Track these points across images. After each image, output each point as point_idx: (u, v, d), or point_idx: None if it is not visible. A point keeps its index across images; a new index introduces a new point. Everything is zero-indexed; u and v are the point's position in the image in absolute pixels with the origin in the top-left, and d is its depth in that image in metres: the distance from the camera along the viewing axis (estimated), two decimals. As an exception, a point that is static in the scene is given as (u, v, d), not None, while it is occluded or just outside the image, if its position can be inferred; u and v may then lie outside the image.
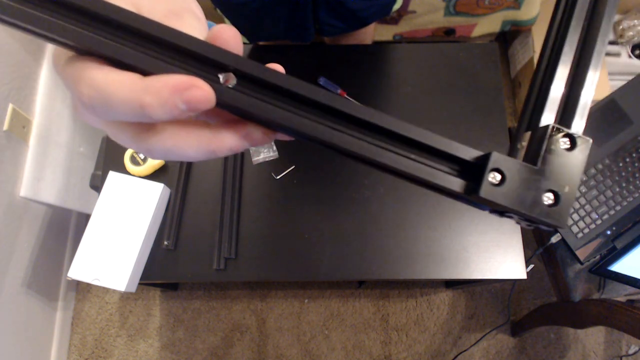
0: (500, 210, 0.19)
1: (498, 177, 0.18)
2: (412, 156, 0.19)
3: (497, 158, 0.18)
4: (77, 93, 0.18)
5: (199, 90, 0.17)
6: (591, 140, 0.19)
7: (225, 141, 0.20)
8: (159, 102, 0.17)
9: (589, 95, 0.20)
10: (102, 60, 0.18)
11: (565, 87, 0.20)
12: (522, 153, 0.20)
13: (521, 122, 0.21)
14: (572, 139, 0.19)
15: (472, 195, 0.19)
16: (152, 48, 0.18)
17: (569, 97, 0.20)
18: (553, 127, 0.19)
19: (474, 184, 0.19)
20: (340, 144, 0.19)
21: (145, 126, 0.19)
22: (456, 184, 0.19)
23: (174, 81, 0.17)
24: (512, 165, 0.19)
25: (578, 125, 0.19)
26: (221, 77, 0.18)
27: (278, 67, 0.21)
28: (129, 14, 0.18)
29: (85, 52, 0.18)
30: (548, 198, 0.18)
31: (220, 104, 0.18)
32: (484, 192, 0.18)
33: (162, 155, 0.20)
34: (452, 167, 0.19)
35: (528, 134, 0.20)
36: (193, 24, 0.21)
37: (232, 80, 0.18)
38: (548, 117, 0.20)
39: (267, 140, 0.21)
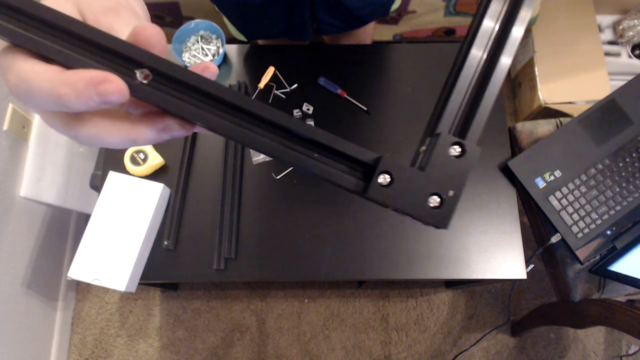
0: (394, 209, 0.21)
1: (388, 179, 0.20)
2: (315, 155, 0.20)
3: (386, 162, 0.20)
4: (6, 81, 0.20)
5: (112, 85, 0.18)
6: (479, 150, 0.20)
7: (144, 132, 0.21)
8: (74, 94, 0.18)
9: (486, 109, 0.21)
10: (31, 53, 0.20)
11: (468, 97, 0.22)
12: (420, 158, 0.21)
13: (426, 127, 0.22)
14: (463, 148, 0.20)
15: (362, 194, 0.21)
16: (75, 44, 0.20)
17: (469, 108, 0.21)
18: (444, 135, 0.20)
19: (367, 184, 0.20)
20: (245, 141, 0.20)
21: (73, 115, 0.21)
22: (351, 182, 0.21)
23: (89, 75, 0.18)
24: (401, 169, 0.20)
25: (473, 135, 0.21)
26: (137, 73, 0.20)
27: (210, 66, 0.22)
28: (54, 12, 0.19)
29: (17, 44, 0.20)
30: (434, 200, 0.20)
31: (137, 97, 0.20)
32: (372, 191, 0.20)
33: (88, 141, 0.22)
34: (351, 167, 0.21)
35: (428, 139, 0.22)
36: (129, 20, 0.22)
37: (149, 77, 0.20)
38: (445, 125, 0.21)
39: (185, 133, 0.22)
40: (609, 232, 0.99)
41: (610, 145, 1.02)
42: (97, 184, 0.95)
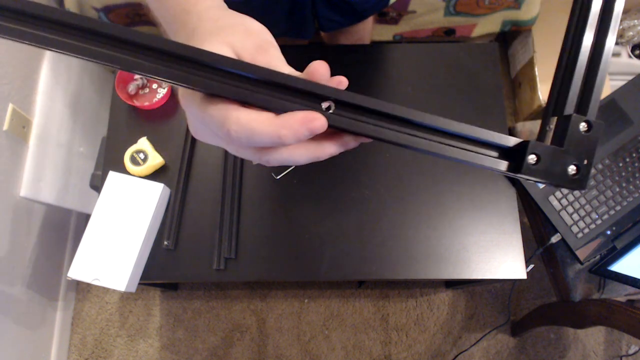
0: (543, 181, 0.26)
1: (535, 158, 0.24)
2: (469, 147, 0.25)
3: (534, 145, 0.24)
4: (225, 129, 0.24)
5: (318, 121, 0.24)
6: (603, 123, 0.24)
7: (327, 149, 0.26)
8: (292, 133, 0.23)
9: (600, 87, 0.25)
10: (236, 102, 0.24)
11: (583, 79, 0.26)
12: (550, 134, 0.26)
13: (547, 108, 0.27)
14: (589, 124, 0.25)
15: (516, 173, 0.25)
16: (270, 89, 0.24)
17: (584, 88, 0.25)
18: (575, 116, 0.25)
19: (516, 164, 0.25)
20: (409, 145, 0.25)
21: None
22: (502, 165, 0.25)
23: (301, 117, 0.23)
24: (545, 149, 0.24)
25: (593, 110, 0.25)
26: (324, 105, 0.25)
27: (343, 80, 0.27)
28: (256, 68, 0.24)
29: (226, 96, 0.24)
30: (572, 170, 0.25)
31: (328, 125, 0.25)
32: (525, 170, 0.24)
33: (278, 163, 0.26)
34: (495, 152, 0.26)
35: (555, 119, 0.26)
36: (276, 54, 0.27)
37: (332, 107, 0.25)
38: (570, 105, 0.25)
39: (356, 145, 0.27)
40: (609, 232, 0.99)
41: (610, 145, 1.02)
42: (97, 184, 0.95)
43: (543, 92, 1.47)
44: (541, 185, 0.99)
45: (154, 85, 1.00)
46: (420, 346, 1.47)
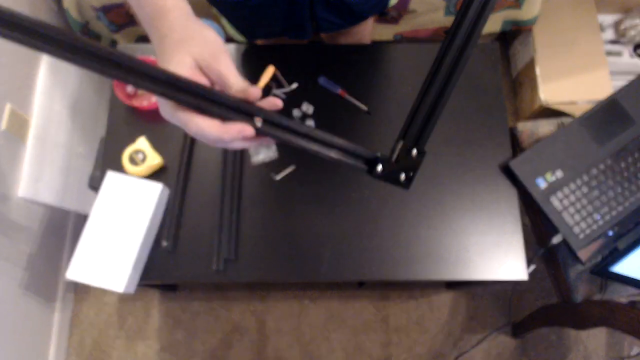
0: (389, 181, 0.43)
1: (380, 167, 0.41)
2: (344, 154, 0.42)
3: (382, 159, 0.42)
4: (188, 128, 0.38)
5: (248, 131, 0.37)
6: (425, 152, 0.43)
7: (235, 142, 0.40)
8: (230, 138, 0.37)
9: (432, 128, 0.43)
10: (196, 110, 0.37)
11: (424, 118, 0.43)
12: (397, 151, 0.43)
13: (400, 133, 0.43)
14: (419, 151, 0.42)
15: (370, 174, 0.42)
16: (222, 105, 0.38)
17: (423, 124, 0.43)
18: (408, 144, 0.42)
19: (370, 169, 0.42)
20: (302, 146, 0.40)
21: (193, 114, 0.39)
22: (363, 168, 0.42)
23: (237, 128, 0.37)
24: (387, 162, 0.42)
25: (423, 141, 0.43)
26: (255, 120, 0.38)
27: (277, 102, 0.40)
28: (215, 92, 0.38)
29: (189, 107, 0.37)
30: (403, 177, 0.43)
31: (257, 134, 0.38)
32: (374, 174, 0.42)
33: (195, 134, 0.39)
34: (361, 159, 0.42)
35: (401, 142, 0.43)
36: (225, 61, 0.39)
37: (260, 121, 0.38)
38: (411, 136, 0.43)
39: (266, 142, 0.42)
40: (610, 233, 0.98)
41: (612, 146, 1.01)
42: (95, 185, 0.94)
43: (544, 92, 1.47)
44: (542, 185, 0.98)
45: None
46: (421, 347, 1.46)
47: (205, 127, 0.37)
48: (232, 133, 0.37)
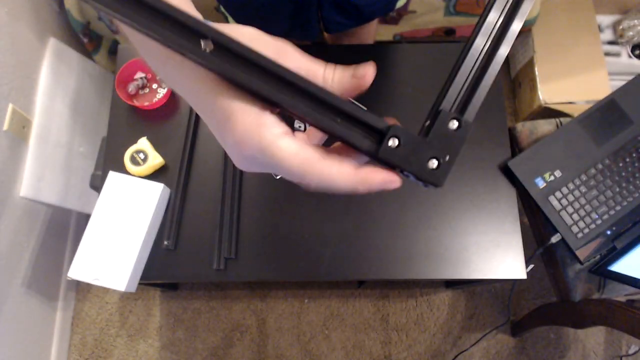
0: (401, 169, 0.25)
1: (396, 142, 0.24)
2: (339, 120, 0.24)
3: (397, 128, 0.24)
4: (306, 182, 0.24)
5: (395, 184, 0.24)
6: (472, 124, 0.24)
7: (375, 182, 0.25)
8: (367, 189, 0.24)
9: (483, 92, 0.25)
10: (312, 149, 0.24)
11: (468, 80, 0.25)
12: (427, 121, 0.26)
13: (433, 105, 0.26)
14: (460, 122, 0.24)
15: (375, 154, 0.24)
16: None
17: (470, 90, 0.25)
18: (445, 111, 0.25)
19: (376, 145, 0.24)
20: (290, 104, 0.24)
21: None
22: (366, 144, 0.24)
23: (382, 178, 0.24)
24: (407, 135, 0.24)
25: (471, 112, 0.25)
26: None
27: (369, 70, 0.26)
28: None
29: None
30: (433, 164, 0.24)
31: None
32: (382, 152, 0.24)
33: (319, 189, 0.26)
34: (367, 132, 0.25)
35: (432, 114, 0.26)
36: (295, 56, 0.27)
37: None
38: (447, 102, 0.25)
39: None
40: (609, 232, 0.99)
41: (611, 145, 1.02)
42: (97, 184, 0.95)
43: (543, 92, 1.47)
44: (541, 185, 0.99)
45: (154, 85, 1.00)
46: (420, 346, 1.47)
47: (336, 176, 0.23)
48: (375, 184, 0.24)
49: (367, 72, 0.26)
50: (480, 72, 0.25)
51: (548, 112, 1.49)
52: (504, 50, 0.25)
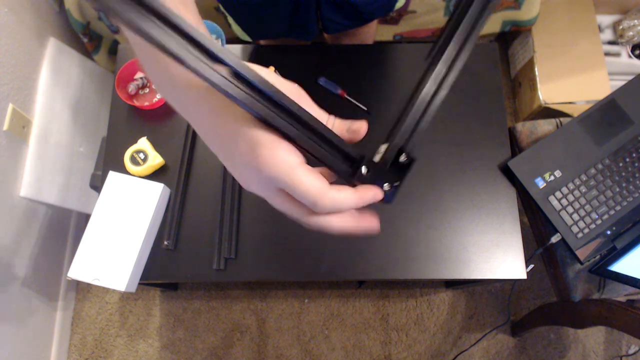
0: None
1: (366, 170, 0.30)
2: (324, 146, 0.29)
3: (369, 161, 0.31)
4: (318, 205, 0.28)
5: (380, 196, 0.32)
6: (416, 158, 0.32)
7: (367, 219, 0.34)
8: (364, 204, 0.31)
9: (423, 130, 0.32)
10: (324, 177, 0.29)
11: (416, 119, 0.32)
12: (382, 152, 0.32)
13: (388, 134, 0.32)
14: (409, 157, 0.32)
15: (349, 178, 0.31)
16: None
17: (414, 126, 0.32)
18: (399, 147, 0.31)
19: (352, 170, 0.31)
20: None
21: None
22: (344, 169, 0.30)
23: (374, 193, 0.31)
24: (374, 166, 0.31)
25: (412, 146, 0.32)
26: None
27: (363, 126, 0.33)
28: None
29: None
30: (387, 187, 0.32)
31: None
32: (357, 177, 0.30)
33: (317, 227, 0.31)
34: (344, 159, 0.30)
35: (385, 145, 0.32)
36: (307, 102, 0.31)
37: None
38: (401, 138, 0.31)
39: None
40: (609, 232, 0.99)
41: (611, 145, 1.02)
42: (97, 184, 0.95)
43: (543, 92, 1.47)
44: (541, 185, 0.99)
45: (154, 86, 1.00)
46: (420, 346, 1.47)
47: (342, 199, 0.28)
48: (367, 199, 0.30)
49: (361, 128, 0.32)
50: (423, 112, 0.32)
51: (548, 112, 1.49)
52: (441, 95, 0.32)
